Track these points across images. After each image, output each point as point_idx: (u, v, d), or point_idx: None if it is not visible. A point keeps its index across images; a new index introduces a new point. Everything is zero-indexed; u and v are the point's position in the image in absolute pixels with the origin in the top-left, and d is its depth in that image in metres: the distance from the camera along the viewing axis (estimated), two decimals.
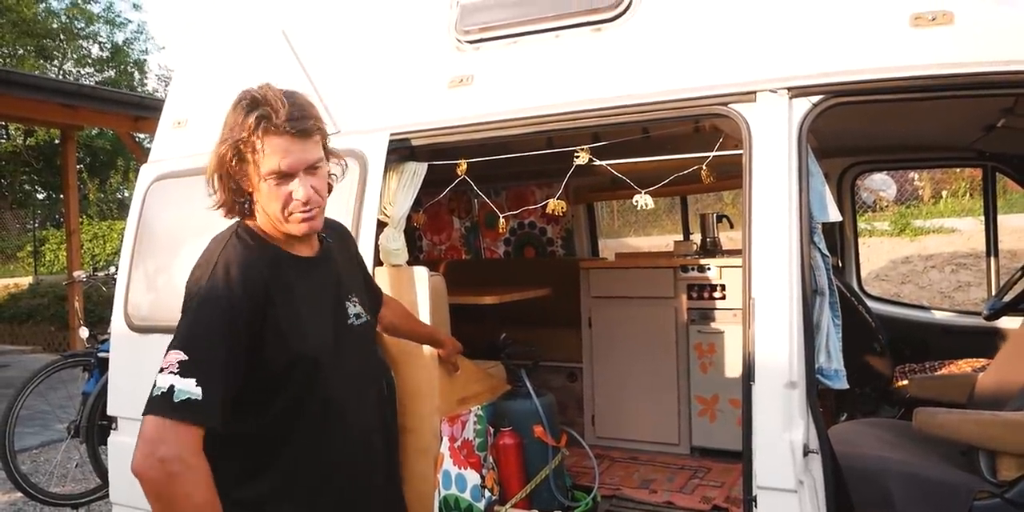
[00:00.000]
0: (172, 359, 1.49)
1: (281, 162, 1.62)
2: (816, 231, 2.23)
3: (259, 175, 1.63)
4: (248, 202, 1.72)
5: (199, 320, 1.56)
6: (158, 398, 1.47)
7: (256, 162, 1.62)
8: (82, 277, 5.41)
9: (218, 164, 1.65)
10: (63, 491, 4.92)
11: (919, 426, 2.43)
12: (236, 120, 1.63)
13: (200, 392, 1.47)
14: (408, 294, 2.67)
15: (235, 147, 1.62)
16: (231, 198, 1.70)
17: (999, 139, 3.48)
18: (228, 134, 1.64)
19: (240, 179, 1.67)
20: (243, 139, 1.61)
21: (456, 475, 2.63)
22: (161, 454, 1.43)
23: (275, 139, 1.61)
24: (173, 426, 1.45)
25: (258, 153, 1.61)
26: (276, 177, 1.63)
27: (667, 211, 12.60)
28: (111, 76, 21.01)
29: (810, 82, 2.20)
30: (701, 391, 3.83)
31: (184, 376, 1.47)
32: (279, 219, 1.68)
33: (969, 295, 8.56)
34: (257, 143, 1.60)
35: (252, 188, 1.68)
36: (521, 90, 2.63)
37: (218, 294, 1.57)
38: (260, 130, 1.60)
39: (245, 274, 1.61)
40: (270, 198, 1.66)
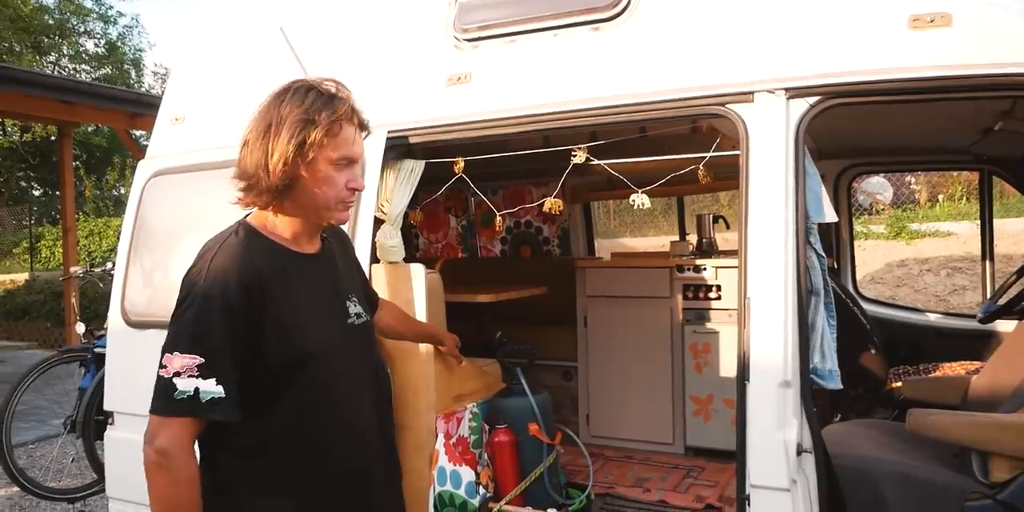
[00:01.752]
0: (189, 363, 1.54)
1: (351, 150, 1.71)
2: (812, 231, 2.24)
3: (325, 159, 1.66)
4: (285, 192, 1.68)
5: (202, 320, 1.57)
6: (184, 401, 1.53)
7: (328, 146, 1.66)
8: (79, 273, 5.41)
9: (295, 144, 1.63)
10: (60, 486, 4.92)
11: (912, 427, 2.44)
12: (312, 104, 1.65)
13: (222, 390, 1.55)
14: (404, 291, 2.67)
15: (322, 130, 1.64)
16: (278, 183, 1.65)
17: (996, 142, 3.50)
18: (305, 117, 1.63)
19: (300, 168, 1.66)
20: (330, 122, 1.65)
21: (451, 472, 2.64)
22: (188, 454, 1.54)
23: (350, 128, 1.70)
24: (197, 426, 1.57)
25: (337, 138, 1.67)
26: (345, 163, 1.70)
27: (664, 212, 12.62)
28: (108, 73, 20.98)
29: (808, 83, 2.20)
30: (696, 391, 3.84)
31: (206, 377, 1.54)
32: (328, 206, 1.71)
33: (964, 299, 8.59)
34: (336, 127, 1.66)
35: (304, 178, 1.66)
36: (519, 89, 2.63)
37: (217, 294, 1.59)
38: (344, 116, 1.67)
39: (242, 272, 1.61)
40: (329, 184, 1.69)
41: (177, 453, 1.52)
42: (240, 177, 1.69)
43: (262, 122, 1.68)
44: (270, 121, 1.66)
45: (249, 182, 1.67)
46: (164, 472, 1.51)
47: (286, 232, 1.76)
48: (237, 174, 1.70)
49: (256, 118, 1.70)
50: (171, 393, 1.53)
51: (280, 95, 1.69)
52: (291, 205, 1.72)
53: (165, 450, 1.51)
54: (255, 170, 1.65)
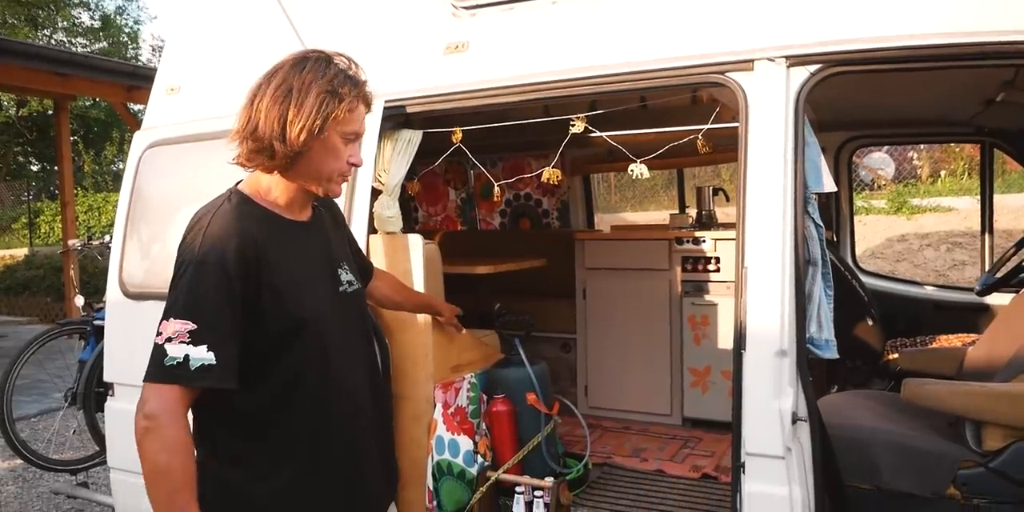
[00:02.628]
0: (181, 329, 1.53)
1: (360, 126, 1.73)
2: (811, 201, 2.23)
3: (337, 132, 1.67)
4: (288, 159, 1.66)
5: (197, 287, 1.57)
6: (174, 367, 1.52)
7: (342, 120, 1.66)
8: (77, 246, 5.40)
9: (324, 118, 1.62)
10: (62, 458, 4.96)
11: (907, 397, 2.45)
12: (335, 77, 1.65)
13: (213, 357, 1.53)
14: (402, 262, 2.67)
15: (348, 105, 1.65)
16: (290, 150, 1.64)
17: (998, 114, 3.47)
18: (330, 88, 1.63)
19: (311, 131, 1.64)
20: (353, 97, 1.66)
21: (449, 440, 2.66)
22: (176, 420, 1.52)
23: (360, 106, 1.70)
24: (189, 393, 1.54)
25: (353, 113, 1.68)
26: (353, 138, 1.72)
27: (665, 187, 12.59)
28: (104, 47, 20.78)
29: (808, 51, 2.18)
30: (694, 363, 3.86)
31: (196, 344, 1.53)
32: (328, 177, 1.72)
33: (964, 274, 8.59)
34: (355, 103, 1.67)
35: (313, 148, 1.66)
36: (517, 57, 2.61)
37: (212, 260, 1.58)
38: (357, 94, 1.68)
39: (237, 239, 1.61)
40: (334, 156, 1.69)
41: (165, 418, 1.51)
42: (250, 139, 1.65)
43: (280, 86, 1.64)
44: (291, 87, 1.63)
45: (260, 145, 1.64)
46: (152, 437, 1.51)
47: (280, 199, 1.75)
48: (245, 134, 1.65)
49: (270, 82, 1.66)
50: (162, 359, 1.52)
51: (299, 62, 1.66)
52: (293, 173, 1.71)
53: (153, 415, 1.51)
54: (269, 135, 1.62)
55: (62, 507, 4.58)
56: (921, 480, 2.35)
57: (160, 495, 1.52)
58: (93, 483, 4.65)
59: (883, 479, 2.39)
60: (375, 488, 1.87)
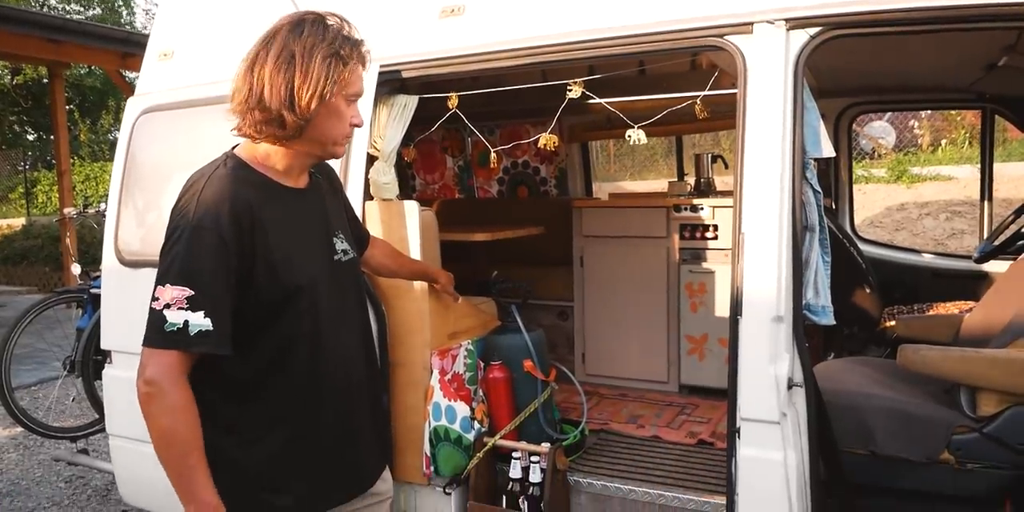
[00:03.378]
0: (179, 295, 1.53)
1: (362, 87, 1.72)
2: (809, 167, 2.21)
3: (338, 94, 1.65)
4: (282, 122, 1.63)
5: (192, 252, 1.56)
6: (174, 333, 1.52)
7: (345, 81, 1.65)
8: (72, 214, 5.38)
9: (334, 83, 1.61)
10: (62, 425, 5.00)
11: (902, 362, 2.46)
12: (334, 39, 1.62)
13: (210, 323, 1.54)
14: (398, 228, 2.66)
15: (352, 67, 1.65)
16: (287, 114, 1.62)
17: (999, 80, 3.44)
18: (333, 52, 1.61)
19: (310, 94, 1.61)
20: (348, 56, 1.64)
21: (446, 407, 2.67)
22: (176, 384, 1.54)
23: (360, 65, 1.70)
24: (188, 358, 1.56)
25: (353, 74, 1.67)
26: (355, 99, 1.71)
27: (664, 156, 12.54)
28: (98, 14, 20.50)
29: (809, 13, 2.14)
30: (691, 330, 3.86)
31: (195, 310, 1.53)
32: (333, 140, 1.71)
33: (963, 242, 8.59)
34: (353, 64, 1.66)
35: (322, 111, 1.63)
36: (513, 21, 2.57)
37: (207, 225, 1.56)
38: (358, 55, 1.68)
39: (232, 203, 1.59)
40: (339, 119, 1.68)
41: (166, 383, 1.52)
42: (256, 110, 1.61)
43: (281, 52, 1.60)
44: (292, 52, 1.59)
45: (268, 116, 1.61)
46: (155, 402, 1.52)
47: (279, 165, 1.73)
48: (251, 105, 1.62)
49: (268, 48, 1.62)
50: (161, 325, 1.53)
51: (296, 26, 1.63)
52: (300, 140, 1.68)
53: (154, 380, 1.52)
54: (278, 105, 1.59)
55: (63, 474, 4.63)
56: (915, 445, 2.36)
57: (170, 459, 1.54)
58: (93, 450, 4.69)
59: (878, 444, 2.41)
60: (367, 455, 1.89)
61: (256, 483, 1.69)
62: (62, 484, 4.50)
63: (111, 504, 4.15)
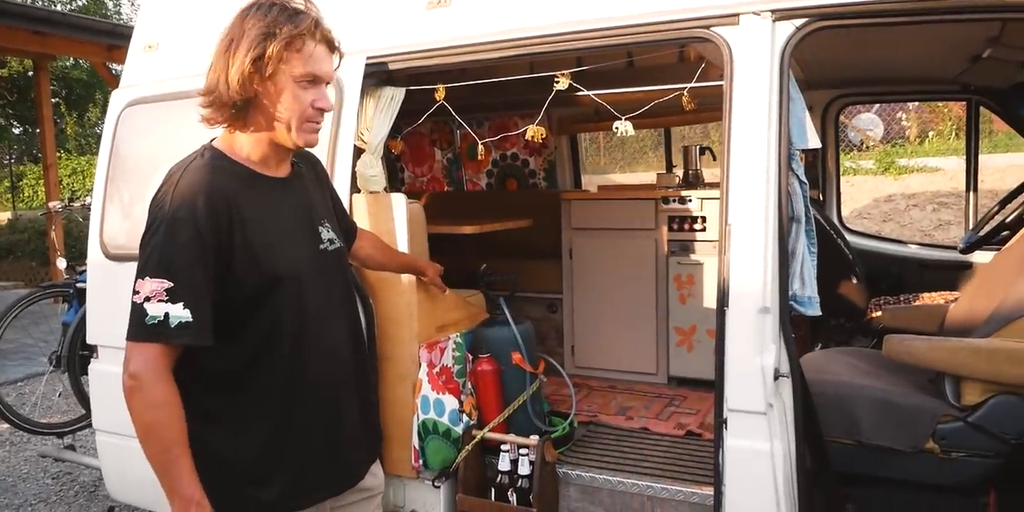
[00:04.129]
0: (158, 287, 1.53)
1: (318, 67, 1.66)
2: (795, 158, 2.21)
3: (290, 76, 1.63)
4: (247, 109, 1.66)
5: (170, 244, 1.56)
6: (155, 326, 1.53)
7: (293, 61, 1.62)
8: (58, 208, 5.34)
9: (253, 55, 1.59)
10: (49, 421, 4.98)
11: (888, 353, 2.47)
12: (275, 19, 1.61)
13: (189, 314, 1.54)
14: (386, 221, 2.65)
15: (282, 43, 1.60)
16: (240, 97, 1.63)
17: (984, 71, 3.45)
18: (265, 31, 1.60)
19: (258, 82, 1.62)
20: (291, 36, 1.60)
21: (435, 400, 2.67)
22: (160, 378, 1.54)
23: (314, 45, 1.65)
24: (171, 350, 1.56)
25: (300, 53, 1.63)
26: (308, 82, 1.65)
27: (653, 148, 12.54)
28: (83, 5, 20.30)
29: (794, 4, 2.14)
30: (679, 322, 3.88)
31: (174, 302, 1.53)
32: (292, 126, 1.67)
33: (949, 233, 8.65)
34: (299, 43, 1.62)
35: (265, 94, 1.63)
36: (500, 12, 2.56)
37: (183, 216, 1.57)
38: (307, 31, 1.63)
39: (208, 194, 1.59)
40: (293, 102, 1.65)
41: (149, 376, 1.52)
42: (203, 93, 1.66)
43: (226, 38, 1.65)
44: (232, 36, 1.63)
45: (210, 98, 1.65)
46: (138, 395, 1.52)
47: (254, 155, 1.73)
48: (204, 92, 1.66)
49: (221, 35, 1.67)
50: (142, 318, 1.53)
51: (245, 11, 1.65)
52: (254, 124, 1.69)
53: (137, 374, 1.52)
54: (216, 85, 1.63)
55: (49, 470, 4.61)
56: (901, 435, 2.37)
57: (153, 452, 1.55)
58: (80, 446, 4.67)
59: (864, 434, 2.42)
60: (355, 449, 1.88)
61: (241, 476, 1.69)
62: (49, 480, 4.48)
63: (98, 500, 4.14)
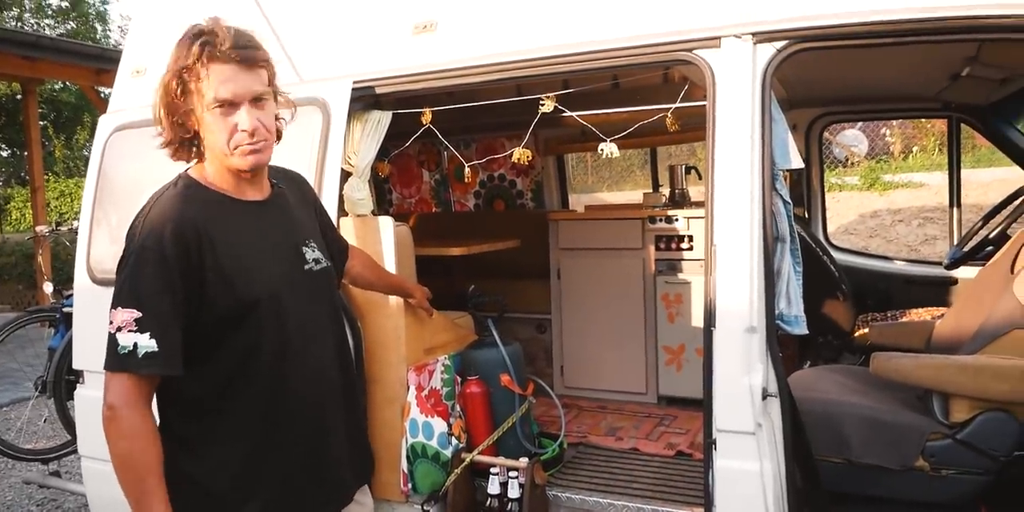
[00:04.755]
0: (128, 317, 1.54)
1: (226, 89, 1.61)
2: (778, 178, 2.23)
3: (203, 106, 1.62)
4: (197, 143, 1.70)
5: (138, 274, 1.57)
6: (126, 356, 1.53)
7: (200, 91, 1.60)
8: (45, 232, 5.32)
9: (163, 95, 1.63)
10: (33, 447, 4.92)
11: (875, 370, 2.48)
12: (181, 51, 1.62)
13: (155, 344, 1.54)
14: (373, 244, 2.66)
15: (179, 75, 1.60)
16: (177, 136, 1.68)
17: (963, 89, 3.50)
18: (173, 64, 1.62)
19: (185, 114, 1.65)
20: (188, 66, 1.59)
21: (423, 423, 2.66)
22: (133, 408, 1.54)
23: (220, 66, 1.60)
24: (144, 380, 1.56)
25: (203, 81, 1.60)
26: (221, 106, 1.62)
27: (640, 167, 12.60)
28: (72, 28, 20.35)
29: (774, 27, 2.18)
30: (668, 341, 3.88)
31: (142, 331, 1.53)
32: (225, 152, 1.66)
33: (935, 248, 8.70)
34: (202, 70, 1.59)
35: (198, 124, 1.65)
36: (486, 36, 2.59)
37: (150, 246, 1.58)
38: (205, 56, 1.59)
39: (176, 222, 1.60)
40: (216, 129, 1.63)
41: (124, 408, 1.53)
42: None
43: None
44: (163, 73, 1.66)
45: (161, 138, 1.71)
46: (113, 426, 1.53)
47: (223, 182, 1.73)
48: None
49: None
50: (115, 348, 1.54)
51: (176, 45, 1.66)
52: (206, 154, 1.72)
53: (112, 404, 1.53)
54: (155, 120, 1.69)
55: (34, 497, 4.55)
56: (890, 453, 2.38)
57: (127, 482, 1.54)
58: (66, 472, 4.61)
59: (853, 452, 2.42)
60: (341, 471, 1.86)
61: (217, 503, 1.67)
62: (34, 508, 4.42)
63: None
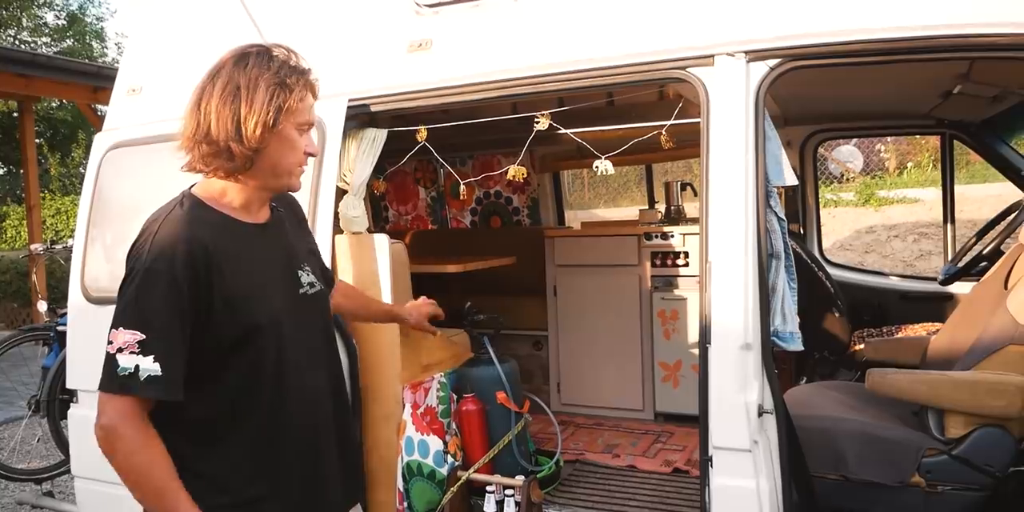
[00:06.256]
0: (131, 339, 1.51)
1: (312, 114, 1.71)
2: (772, 195, 2.24)
3: (294, 126, 1.65)
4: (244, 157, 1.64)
5: (145, 295, 1.54)
6: (126, 378, 1.50)
7: (295, 110, 1.64)
8: (39, 250, 5.31)
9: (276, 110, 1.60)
10: (27, 467, 4.87)
11: (871, 386, 2.48)
12: (279, 69, 1.62)
13: (159, 368, 1.51)
14: (368, 262, 2.66)
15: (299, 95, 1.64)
16: (237, 149, 1.61)
17: (955, 106, 3.52)
18: (279, 81, 1.61)
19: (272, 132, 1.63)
20: (303, 88, 1.65)
21: (419, 441, 2.65)
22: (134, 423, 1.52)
23: (308, 95, 1.69)
24: (142, 401, 1.53)
25: (303, 103, 1.66)
26: (305, 129, 1.70)
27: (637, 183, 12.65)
28: (69, 46, 20.44)
29: (767, 46, 2.20)
30: (664, 357, 3.88)
31: (145, 354, 1.51)
32: (289, 171, 1.70)
33: (930, 263, 8.72)
34: (302, 92, 1.65)
35: (270, 142, 1.63)
36: (480, 55, 2.60)
37: (160, 268, 1.54)
38: (305, 83, 1.66)
39: (187, 244, 1.57)
40: (292, 149, 1.68)
41: (122, 427, 1.50)
42: (203, 143, 1.61)
43: (226, 86, 1.60)
44: (238, 84, 1.59)
45: (215, 149, 1.60)
46: (120, 444, 1.50)
47: (235, 202, 1.71)
48: (198, 139, 1.62)
49: (214, 82, 1.62)
50: (114, 369, 1.51)
51: (241, 59, 1.63)
52: (252, 172, 1.67)
53: (110, 426, 1.50)
54: (224, 137, 1.59)
55: None
56: (886, 469, 2.37)
57: (150, 494, 1.53)
58: (59, 492, 4.56)
59: (849, 469, 2.42)
60: (331, 493, 1.84)
61: None
62: None
63: None
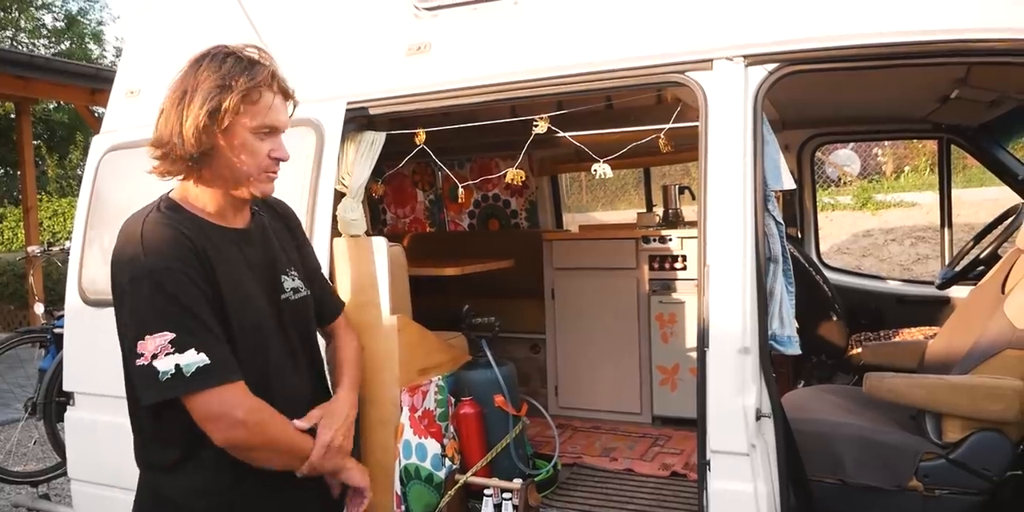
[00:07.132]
0: (161, 342, 1.48)
1: (274, 117, 1.65)
2: (770, 199, 2.25)
3: (247, 129, 1.61)
4: (202, 162, 1.63)
5: (158, 296, 1.51)
6: (170, 380, 1.47)
7: (249, 113, 1.61)
8: (37, 252, 5.29)
9: (209, 113, 1.57)
10: (23, 470, 4.86)
11: (868, 390, 2.48)
12: (229, 70, 1.59)
13: (205, 357, 1.50)
14: (367, 265, 2.65)
15: (238, 96, 1.58)
16: (196, 152, 1.60)
17: (953, 110, 3.53)
18: (220, 83, 1.58)
19: (214, 135, 1.60)
20: (248, 88, 1.59)
21: (417, 444, 2.64)
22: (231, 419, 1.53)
23: (270, 95, 1.64)
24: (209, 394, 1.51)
25: (256, 106, 1.61)
26: (267, 132, 1.65)
27: (635, 186, 12.65)
28: (67, 48, 20.43)
29: (765, 50, 2.20)
30: (662, 361, 3.88)
31: (182, 351, 1.48)
32: (250, 177, 1.65)
33: (927, 267, 8.73)
34: (255, 94, 1.61)
35: (221, 146, 1.61)
36: (479, 58, 2.60)
37: (161, 266, 1.52)
38: (263, 84, 1.62)
39: (180, 241, 1.56)
40: (251, 153, 1.63)
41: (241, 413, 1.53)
42: (155, 145, 1.62)
43: (178, 89, 1.61)
44: (186, 88, 1.60)
45: (163, 150, 1.61)
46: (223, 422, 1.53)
47: (209, 206, 1.68)
48: (152, 142, 1.63)
49: (172, 85, 1.63)
50: (154, 378, 1.47)
51: (197, 61, 1.62)
52: (210, 175, 1.65)
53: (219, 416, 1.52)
54: (169, 138, 1.59)
55: None
56: (884, 473, 2.38)
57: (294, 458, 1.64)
58: (55, 495, 4.55)
59: (847, 473, 2.42)
60: (315, 499, 1.82)
61: None
62: None
63: None
